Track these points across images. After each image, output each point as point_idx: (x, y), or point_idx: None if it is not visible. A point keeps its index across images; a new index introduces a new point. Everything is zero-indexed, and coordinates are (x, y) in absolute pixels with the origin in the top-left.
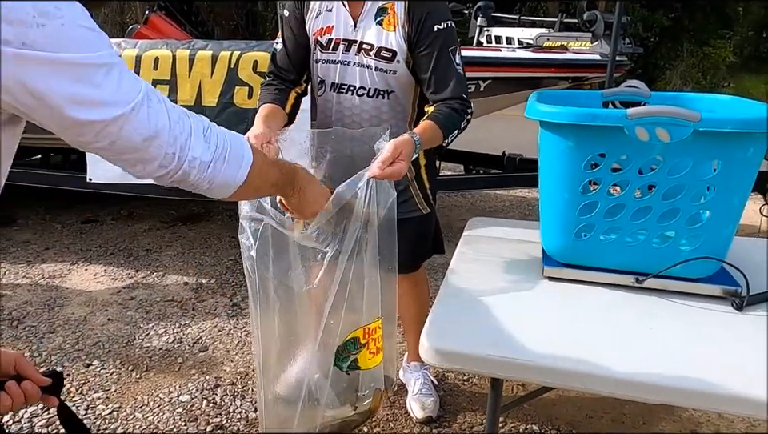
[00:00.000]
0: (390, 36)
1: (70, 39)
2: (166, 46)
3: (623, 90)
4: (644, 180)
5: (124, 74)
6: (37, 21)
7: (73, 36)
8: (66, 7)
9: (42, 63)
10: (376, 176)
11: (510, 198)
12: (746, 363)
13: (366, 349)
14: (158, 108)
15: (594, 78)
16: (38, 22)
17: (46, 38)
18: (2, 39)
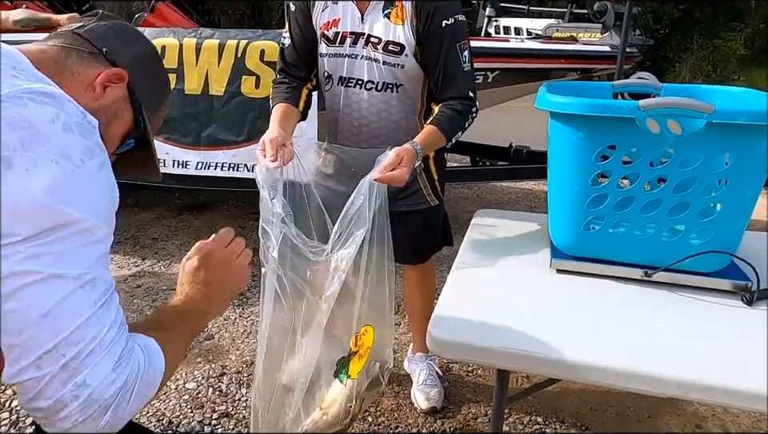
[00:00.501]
0: (397, 30)
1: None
2: (172, 34)
3: (634, 81)
4: (655, 173)
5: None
6: (52, 159)
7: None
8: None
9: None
10: (377, 179)
11: (517, 190)
12: (754, 357)
13: (355, 356)
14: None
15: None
16: (52, 159)
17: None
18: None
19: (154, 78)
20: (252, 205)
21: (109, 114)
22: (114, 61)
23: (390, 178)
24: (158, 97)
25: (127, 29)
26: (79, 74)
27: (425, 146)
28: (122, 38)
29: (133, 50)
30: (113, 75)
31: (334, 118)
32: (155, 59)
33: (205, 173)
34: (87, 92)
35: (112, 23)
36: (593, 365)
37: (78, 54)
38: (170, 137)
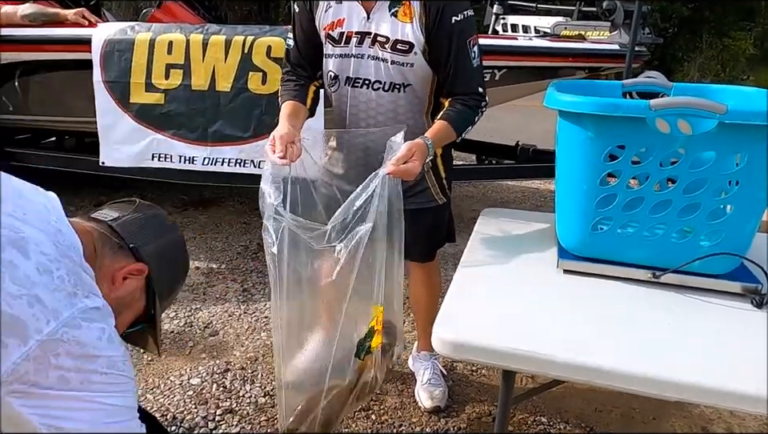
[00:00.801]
0: (406, 28)
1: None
2: (179, 30)
3: (644, 80)
4: (665, 173)
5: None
6: (102, 371)
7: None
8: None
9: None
10: (390, 173)
11: (522, 189)
12: (765, 361)
13: (376, 334)
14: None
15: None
16: (102, 372)
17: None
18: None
19: (173, 269)
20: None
21: (124, 303)
22: (139, 255)
23: (403, 172)
24: (173, 286)
25: (157, 221)
26: (107, 267)
27: (435, 141)
28: (151, 231)
29: (158, 243)
30: (134, 269)
31: (341, 118)
32: (178, 251)
33: (211, 169)
34: (107, 282)
35: (144, 215)
36: (599, 367)
37: (110, 246)
38: (176, 132)
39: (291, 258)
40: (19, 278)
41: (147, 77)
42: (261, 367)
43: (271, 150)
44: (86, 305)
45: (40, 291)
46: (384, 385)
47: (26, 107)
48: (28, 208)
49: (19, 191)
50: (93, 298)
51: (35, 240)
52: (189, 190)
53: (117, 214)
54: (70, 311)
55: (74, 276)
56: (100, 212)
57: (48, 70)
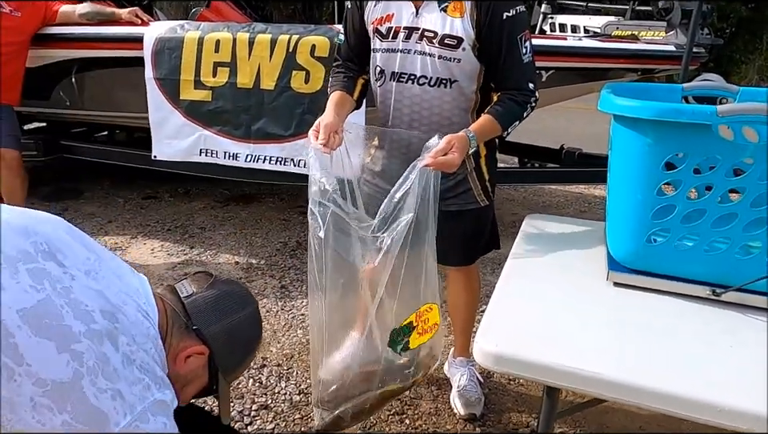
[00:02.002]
0: (455, 22)
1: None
2: (226, 28)
3: (706, 83)
4: (730, 184)
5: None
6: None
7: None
8: None
9: None
10: (429, 165)
11: (566, 193)
12: None
13: (415, 331)
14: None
15: (665, 70)
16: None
17: None
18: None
19: (238, 348)
20: (296, 199)
21: (186, 380)
22: (203, 337)
23: (441, 164)
24: (239, 362)
25: (231, 298)
26: (173, 346)
27: (479, 134)
28: (220, 310)
29: (224, 323)
30: (196, 351)
31: (385, 114)
32: (246, 328)
33: (254, 166)
34: (172, 361)
35: (218, 293)
36: (649, 389)
37: (178, 325)
38: (222, 129)
39: (337, 244)
40: (109, 372)
41: (196, 74)
42: (296, 364)
43: (314, 137)
44: (156, 398)
45: (122, 386)
46: (419, 390)
47: (82, 102)
48: (122, 294)
49: (117, 275)
50: (163, 390)
51: (125, 330)
52: (231, 185)
53: (192, 291)
54: (142, 405)
55: (150, 367)
56: (181, 283)
57: (103, 67)
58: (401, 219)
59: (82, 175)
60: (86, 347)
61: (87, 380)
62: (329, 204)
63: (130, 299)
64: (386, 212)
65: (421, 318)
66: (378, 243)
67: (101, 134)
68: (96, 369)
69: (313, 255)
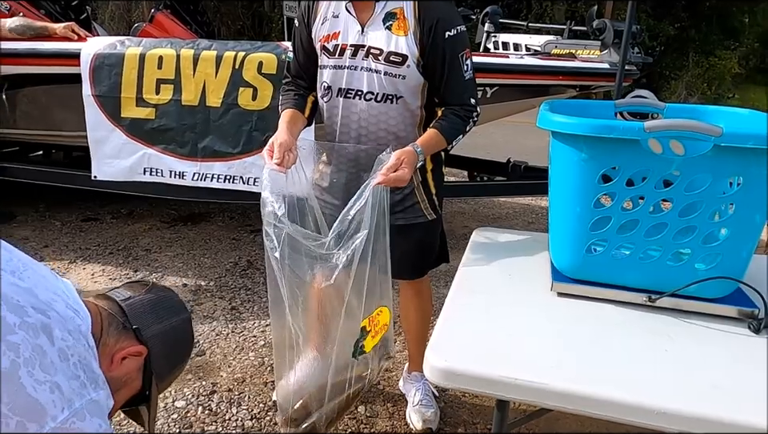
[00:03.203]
0: (399, 41)
1: None
2: (170, 44)
3: (636, 101)
4: (660, 195)
5: None
6: None
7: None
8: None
9: None
10: (381, 183)
11: (515, 205)
12: (763, 388)
13: (369, 335)
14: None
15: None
16: None
17: None
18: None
19: (174, 352)
20: (246, 217)
21: (119, 383)
22: (141, 337)
23: (393, 180)
24: (173, 368)
25: (167, 303)
26: (109, 346)
27: (425, 148)
28: (156, 314)
29: (161, 326)
30: (133, 351)
31: (332, 129)
32: (182, 334)
33: (201, 184)
34: (107, 362)
35: (155, 297)
36: (595, 397)
37: (115, 326)
38: (167, 147)
39: (293, 263)
40: (46, 364)
41: (138, 91)
42: (248, 388)
43: (269, 156)
44: (92, 397)
45: (60, 379)
46: (374, 407)
47: (14, 121)
48: (50, 292)
49: (42, 276)
50: (98, 390)
51: (58, 326)
52: (178, 205)
53: (129, 295)
54: (80, 402)
55: (85, 365)
56: (115, 290)
57: (36, 84)
58: (356, 237)
59: (14, 198)
60: (22, 339)
61: (24, 371)
62: (282, 225)
63: (58, 297)
64: (340, 229)
65: (372, 322)
66: (333, 259)
67: (36, 154)
68: (33, 361)
69: (272, 276)
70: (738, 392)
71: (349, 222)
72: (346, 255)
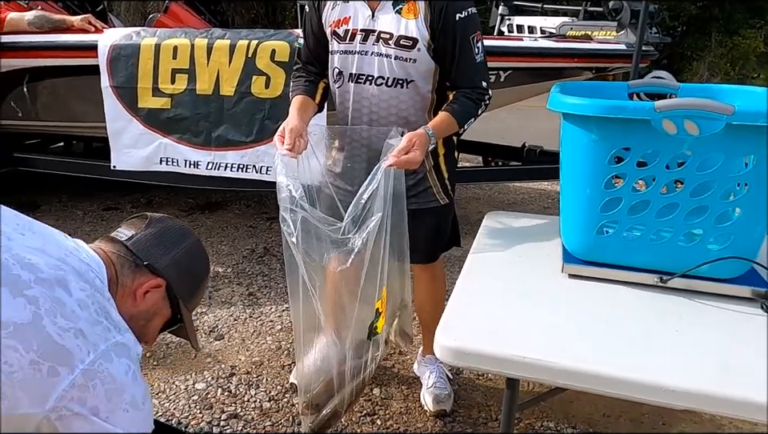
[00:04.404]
0: (410, 24)
1: (133, 426)
2: (184, 34)
3: (650, 81)
4: (671, 176)
5: None
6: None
7: (137, 425)
8: (148, 406)
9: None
10: (392, 165)
11: (530, 190)
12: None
13: (381, 316)
14: None
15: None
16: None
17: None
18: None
19: (191, 274)
20: (263, 205)
21: (148, 315)
22: (155, 270)
23: (404, 162)
24: (196, 288)
25: (171, 232)
26: (127, 286)
27: (437, 131)
28: (164, 244)
29: (172, 254)
30: (152, 284)
31: (344, 115)
32: (194, 256)
33: (215, 173)
34: (130, 299)
35: (157, 230)
36: (604, 375)
37: (128, 266)
38: (182, 137)
39: (309, 248)
40: (67, 313)
41: (154, 81)
42: (266, 371)
43: (280, 142)
44: (118, 340)
45: (83, 325)
46: (389, 389)
47: (35, 113)
48: (61, 247)
49: (52, 235)
50: (123, 333)
51: (74, 279)
52: (196, 193)
53: (131, 233)
54: (105, 345)
55: (104, 312)
56: (117, 231)
57: (55, 76)
58: (370, 220)
59: (37, 188)
60: (39, 292)
61: (48, 321)
62: (299, 210)
63: (70, 254)
64: (354, 213)
65: (384, 303)
66: (349, 244)
67: (56, 145)
68: (54, 311)
69: (290, 260)
70: (750, 372)
71: (363, 205)
72: (361, 239)
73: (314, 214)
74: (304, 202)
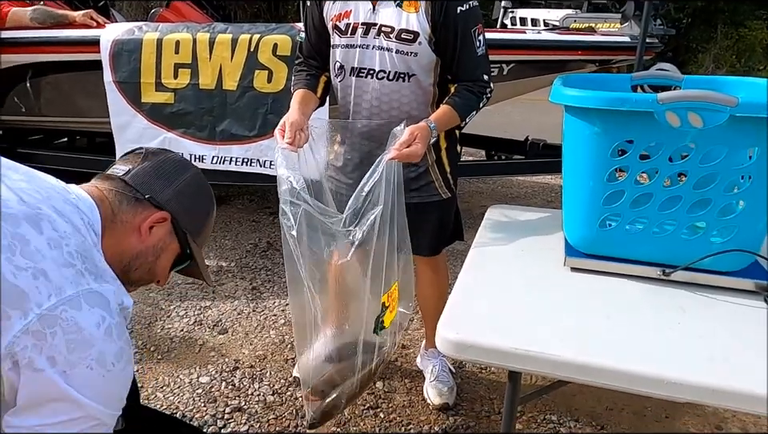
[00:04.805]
0: (411, 17)
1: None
2: (186, 29)
3: (654, 73)
4: (674, 168)
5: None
6: (89, 364)
7: (100, 388)
8: (119, 368)
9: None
10: (394, 158)
11: (533, 184)
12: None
13: (387, 310)
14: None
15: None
16: (88, 365)
17: (82, 379)
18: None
19: (196, 206)
20: (266, 200)
21: (156, 250)
22: (157, 203)
23: (406, 155)
24: (203, 220)
25: (169, 164)
26: (128, 222)
27: (439, 124)
28: (164, 176)
29: (174, 186)
30: (157, 218)
31: (346, 109)
32: (196, 187)
33: (220, 167)
34: (135, 235)
35: (154, 162)
36: (606, 368)
37: (127, 201)
38: (186, 131)
39: (310, 241)
40: (29, 252)
41: (156, 76)
42: (269, 365)
43: (281, 135)
44: (92, 288)
45: (47, 266)
46: (392, 383)
47: (38, 108)
48: (45, 187)
49: (38, 175)
50: (102, 283)
51: (50, 217)
52: None
53: (128, 168)
54: (74, 290)
55: (87, 257)
56: (112, 168)
57: (58, 72)
58: (371, 212)
59: None
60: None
61: (3, 258)
62: (300, 202)
63: (56, 194)
64: (355, 206)
65: (391, 297)
66: (350, 237)
67: (60, 141)
68: (12, 248)
69: (289, 254)
70: (752, 364)
71: (364, 198)
72: (362, 232)
73: (315, 205)
74: (305, 194)
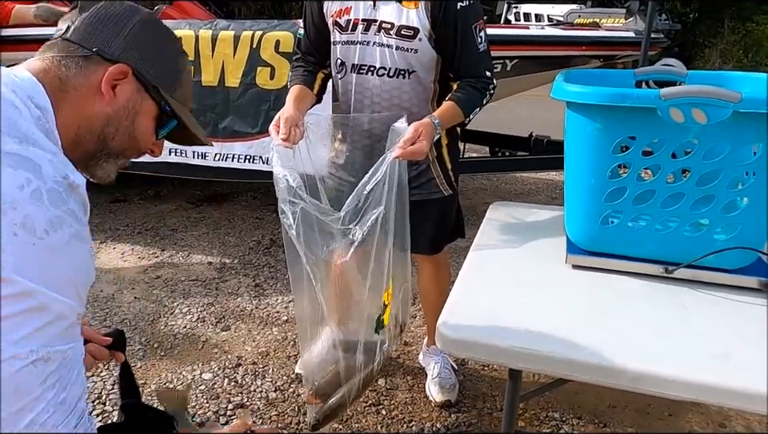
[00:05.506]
0: (410, 14)
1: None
2: (188, 26)
3: (658, 68)
4: (677, 165)
5: None
6: (14, 231)
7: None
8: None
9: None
10: (399, 156)
11: (537, 180)
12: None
13: (387, 308)
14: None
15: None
16: (13, 231)
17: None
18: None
19: (159, 52)
20: (269, 197)
21: (129, 112)
22: (110, 56)
23: (411, 153)
24: (170, 67)
25: (112, 11)
26: (83, 86)
27: (443, 120)
28: (110, 25)
29: (124, 34)
30: (114, 73)
31: (347, 105)
32: (153, 29)
33: (222, 164)
34: (97, 99)
35: (95, 12)
36: (607, 366)
37: (74, 63)
38: None
39: (309, 239)
40: None
41: None
42: (272, 361)
43: (275, 131)
44: (12, 150)
45: None
46: (394, 380)
47: None
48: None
49: None
50: (29, 147)
51: None
52: (203, 186)
53: (66, 26)
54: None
55: (11, 125)
56: (53, 36)
57: None
58: (373, 211)
59: None
60: None
61: None
62: (298, 200)
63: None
64: (355, 204)
65: (390, 295)
66: (349, 235)
67: None
68: None
69: (291, 252)
70: (756, 363)
71: (365, 196)
72: (362, 231)
73: (312, 204)
74: (302, 192)
